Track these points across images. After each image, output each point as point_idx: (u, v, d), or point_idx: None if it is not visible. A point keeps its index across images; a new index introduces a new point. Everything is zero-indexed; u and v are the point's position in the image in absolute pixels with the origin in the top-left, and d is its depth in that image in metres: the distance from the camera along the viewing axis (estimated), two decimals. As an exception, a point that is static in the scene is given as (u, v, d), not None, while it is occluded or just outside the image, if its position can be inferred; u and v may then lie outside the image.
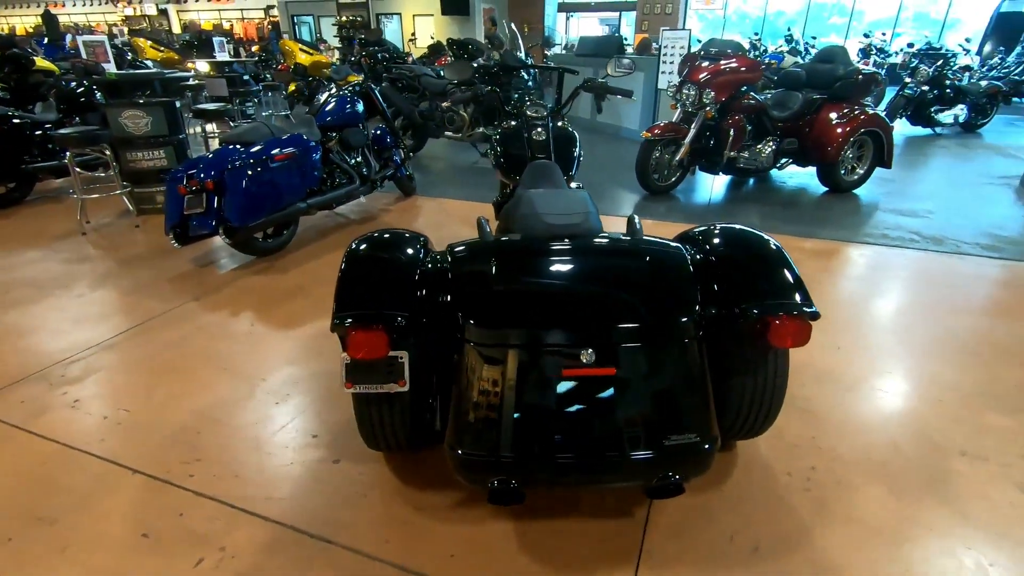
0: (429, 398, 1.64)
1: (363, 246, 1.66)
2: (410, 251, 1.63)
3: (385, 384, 1.48)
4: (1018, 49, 11.55)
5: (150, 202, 4.44)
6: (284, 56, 9.92)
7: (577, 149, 2.53)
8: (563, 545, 1.53)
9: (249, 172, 3.15)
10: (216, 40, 8.09)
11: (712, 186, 5.40)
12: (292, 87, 9.03)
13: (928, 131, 8.18)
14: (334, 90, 4.17)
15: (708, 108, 4.59)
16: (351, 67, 7.46)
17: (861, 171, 5.05)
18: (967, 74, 8.40)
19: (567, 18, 19.52)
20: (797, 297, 1.45)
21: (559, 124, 2.57)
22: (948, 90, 7.88)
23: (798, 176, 5.69)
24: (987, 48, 13.11)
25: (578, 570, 1.46)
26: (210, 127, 5.52)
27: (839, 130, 4.77)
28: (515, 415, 1.33)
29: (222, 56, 8.13)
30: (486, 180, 5.54)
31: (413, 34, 12.09)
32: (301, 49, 9.69)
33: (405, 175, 4.71)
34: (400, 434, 1.63)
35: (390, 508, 1.65)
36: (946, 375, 2.32)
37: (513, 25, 7.30)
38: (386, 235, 1.73)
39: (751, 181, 5.58)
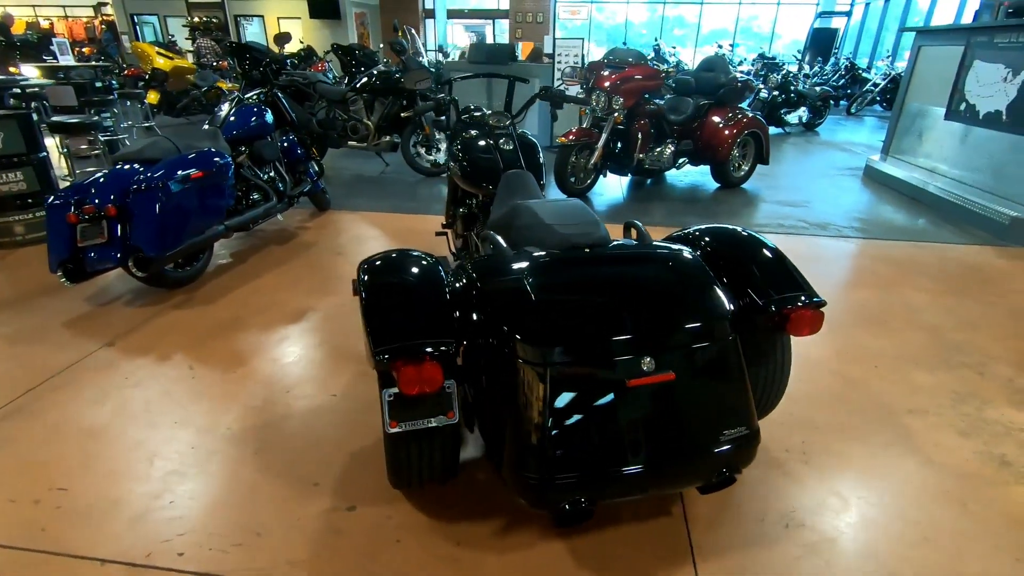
0: (466, 425, 1.56)
1: (380, 271, 1.53)
2: (432, 272, 1.53)
3: (434, 417, 1.38)
4: (832, 60, 13.66)
5: (7, 234, 3.71)
6: (140, 60, 8.79)
7: (541, 157, 2.55)
8: (617, 553, 1.53)
9: (162, 194, 2.75)
10: (57, 41, 6.92)
11: (619, 186, 5.71)
12: (153, 96, 8.06)
13: (779, 130, 9.34)
14: (236, 98, 3.78)
15: (617, 113, 4.84)
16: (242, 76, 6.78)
17: (746, 168, 5.63)
18: (804, 81, 9.73)
19: (423, 24, 19.46)
20: (807, 289, 1.59)
21: (519, 133, 2.57)
22: (792, 95, 9.06)
23: (691, 175, 6.20)
24: (807, 59, 15.31)
25: (641, 574, 1.47)
26: (80, 143, 4.74)
27: (727, 132, 5.29)
28: (584, 431, 1.31)
29: (66, 59, 7.00)
30: (399, 190, 5.37)
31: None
32: (159, 53, 8.66)
33: (321, 189, 4.41)
34: (438, 468, 1.53)
35: (430, 548, 1.54)
36: (870, 344, 2.66)
37: (413, 30, 7.13)
38: (394, 255, 1.62)
39: (648, 181, 5.98)
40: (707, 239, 1.77)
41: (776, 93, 8.88)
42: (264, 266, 3.47)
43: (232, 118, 3.62)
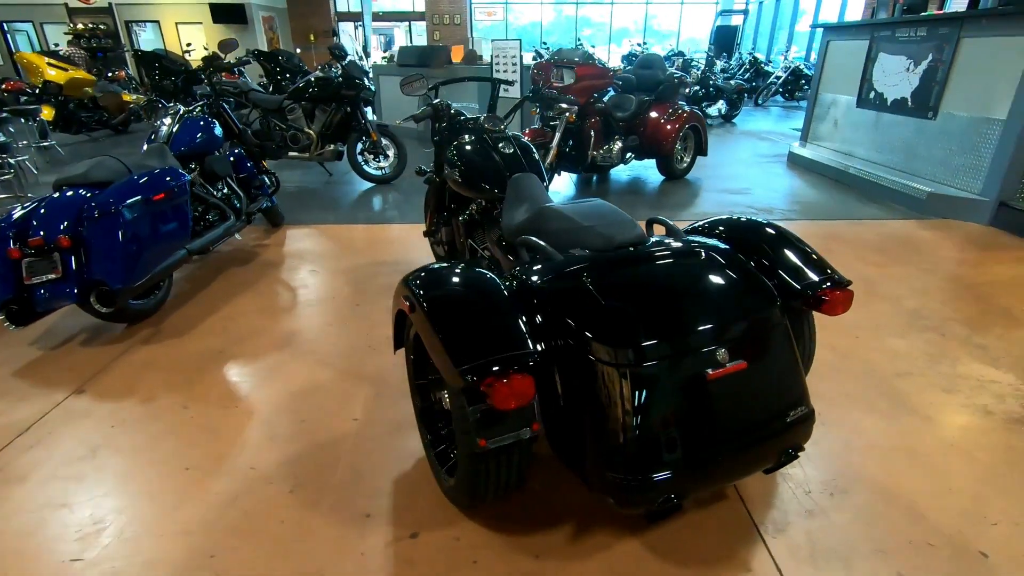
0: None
1: (437, 285, 1.48)
2: (490, 282, 1.49)
3: (520, 430, 1.35)
4: (736, 55, 14.61)
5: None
6: (28, 73, 7.89)
7: (538, 157, 2.54)
8: (689, 540, 1.57)
9: (122, 219, 2.49)
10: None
11: (568, 185, 5.82)
12: (48, 112, 7.27)
13: (701, 123, 9.87)
14: (178, 110, 3.49)
15: (570, 113, 4.92)
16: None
17: (688, 160, 5.91)
18: (719, 76, 10.34)
19: (355, 27, 18.94)
20: (834, 271, 1.69)
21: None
22: (712, 89, 9.61)
23: (634, 169, 6.42)
24: (711, 55, 16.31)
25: (724, 558, 1.52)
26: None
27: (670, 127, 5.53)
28: (669, 426, 1.32)
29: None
30: (350, 200, 5.18)
31: (188, 44, 10.57)
32: (50, 64, 7.82)
33: (275, 203, 4.17)
34: (514, 481, 1.49)
35: (511, 565, 1.51)
36: (846, 317, 2.88)
37: (350, 34, 6.84)
38: (440, 268, 1.56)
39: (595, 178, 6.14)
40: (724, 230, 1.84)
41: (697, 88, 9.37)
42: (232, 290, 3.23)
43: (180, 132, 3.35)
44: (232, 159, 3.80)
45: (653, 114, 5.58)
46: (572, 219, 1.76)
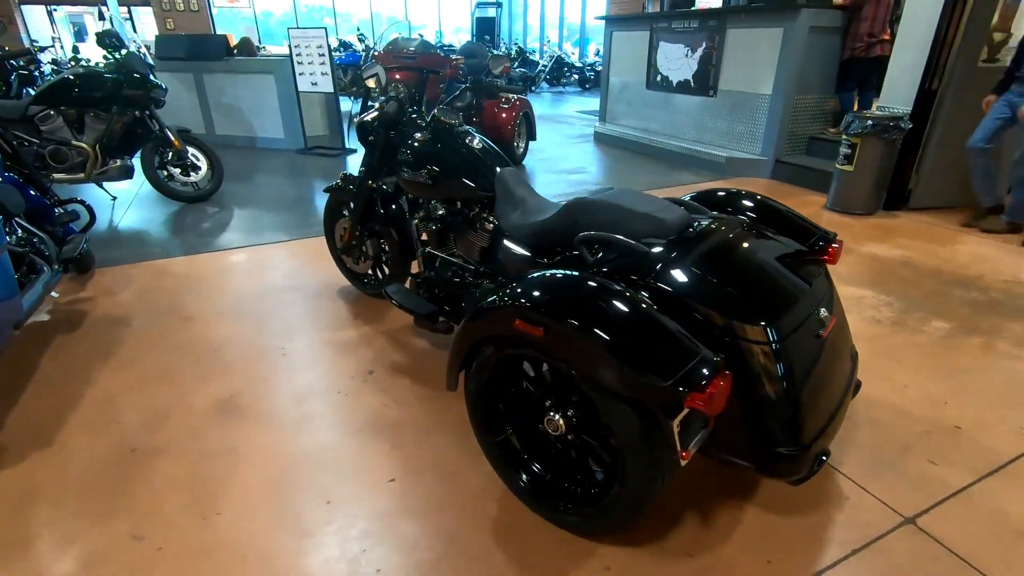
0: None
1: (577, 300, 1.32)
2: (617, 289, 1.36)
3: (704, 431, 1.29)
4: (502, 46, 15.54)
5: None
6: None
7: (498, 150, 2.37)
8: (778, 489, 1.70)
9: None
10: None
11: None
12: None
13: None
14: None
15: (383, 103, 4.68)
16: None
17: (523, 145, 6.14)
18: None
19: (48, 12, 14.96)
20: (822, 228, 1.94)
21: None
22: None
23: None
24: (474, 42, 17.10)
25: (813, 498, 1.68)
26: None
27: (506, 115, 5.66)
28: (811, 390, 1.41)
29: None
30: (163, 225, 4.18)
31: None
32: None
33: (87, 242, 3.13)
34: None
35: (672, 569, 1.44)
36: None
37: (119, 18, 5.28)
38: (548, 279, 1.39)
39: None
40: (720, 201, 1.97)
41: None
42: (83, 366, 2.36)
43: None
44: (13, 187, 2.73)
45: (491, 104, 5.64)
46: (624, 208, 1.70)
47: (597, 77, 14.05)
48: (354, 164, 6.13)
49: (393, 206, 2.59)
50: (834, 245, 1.83)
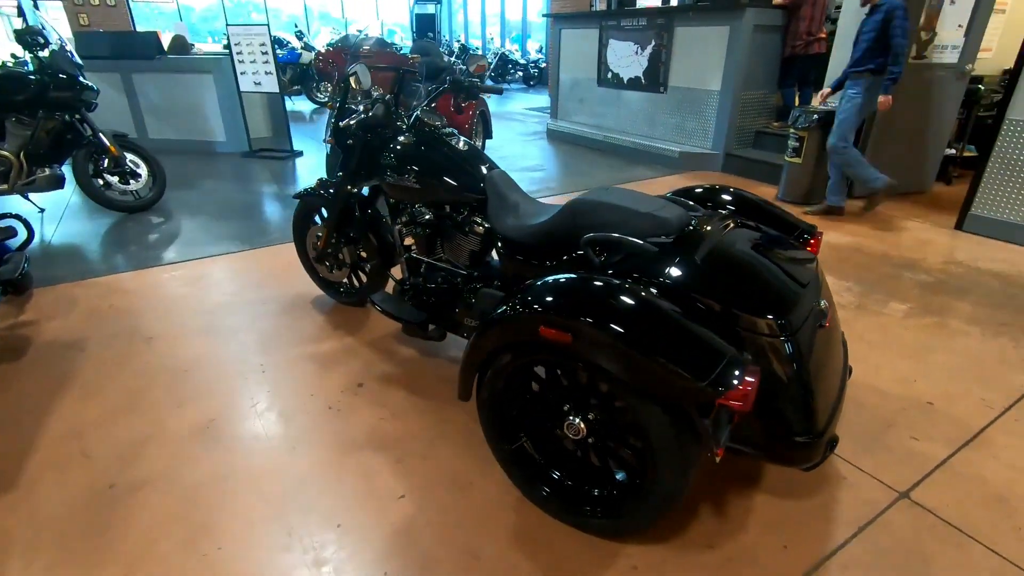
0: None
1: (603, 301, 1.31)
2: (634, 289, 1.36)
3: (730, 425, 1.31)
4: (443, 43, 15.39)
5: None
6: None
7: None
8: (788, 474, 1.77)
9: None
10: None
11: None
12: None
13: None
14: None
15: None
16: None
17: (479, 143, 6.09)
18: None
19: None
20: (806, 224, 2.02)
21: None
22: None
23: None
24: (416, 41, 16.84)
25: (821, 479, 1.75)
26: None
27: (462, 115, 5.60)
28: (819, 378, 1.46)
29: None
30: (102, 238, 3.89)
31: None
32: None
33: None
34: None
35: (697, 559, 1.47)
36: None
37: (41, 17, 4.75)
38: (575, 283, 1.38)
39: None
40: (700, 197, 2.02)
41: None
42: (50, 401, 2.15)
43: None
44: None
45: (447, 102, 5.55)
46: (626, 208, 1.70)
47: (541, 74, 14.17)
48: (303, 167, 5.90)
49: (369, 211, 2.50)
50: (815, 237, 1.92)
